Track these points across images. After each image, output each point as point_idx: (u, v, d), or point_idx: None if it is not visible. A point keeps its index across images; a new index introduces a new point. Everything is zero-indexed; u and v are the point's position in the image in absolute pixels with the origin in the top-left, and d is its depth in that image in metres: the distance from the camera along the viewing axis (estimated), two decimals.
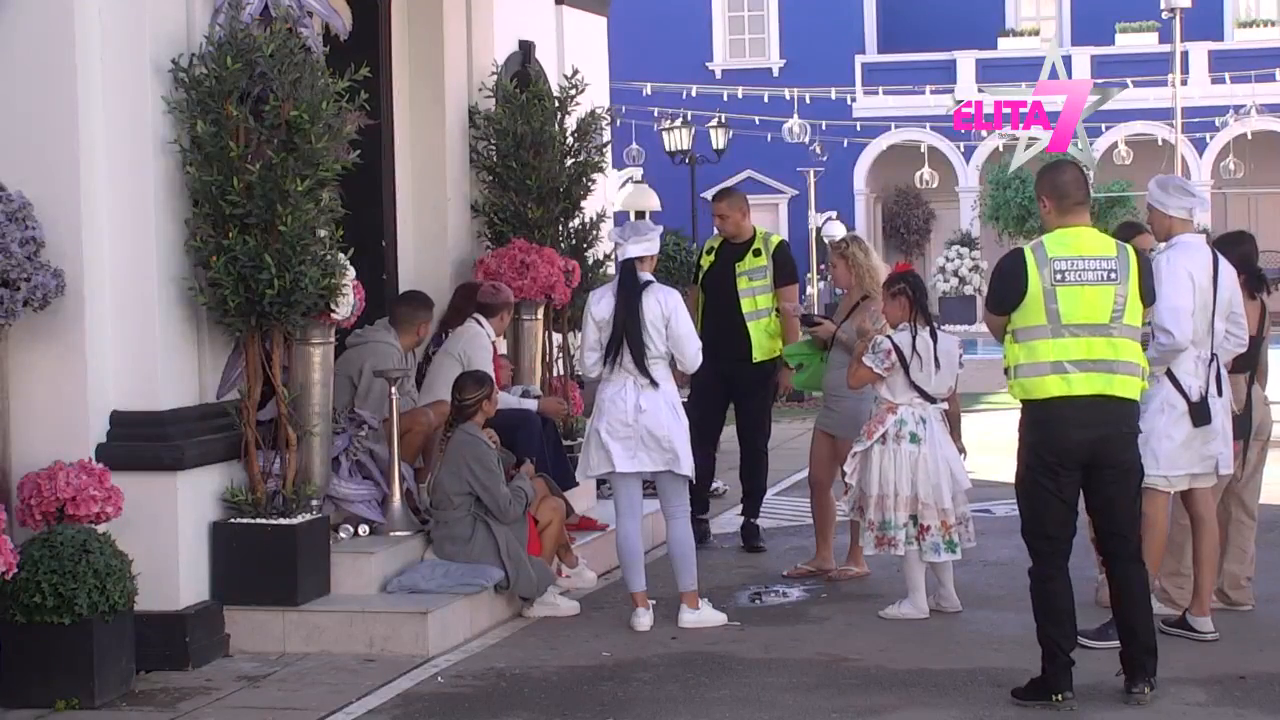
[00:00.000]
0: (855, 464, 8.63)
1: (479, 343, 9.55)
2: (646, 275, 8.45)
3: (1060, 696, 6.69)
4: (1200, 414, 7.72)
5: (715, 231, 10.74)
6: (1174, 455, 7.77)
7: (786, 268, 10.45)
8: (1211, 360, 7.83)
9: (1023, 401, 6.82)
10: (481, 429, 8.61)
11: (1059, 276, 6.66)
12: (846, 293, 9.85)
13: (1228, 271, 7.91)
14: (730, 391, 10.26)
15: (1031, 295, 6.67)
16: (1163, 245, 7.98)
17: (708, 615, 8.41)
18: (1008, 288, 6.78)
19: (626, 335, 8.27)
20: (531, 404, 9.74)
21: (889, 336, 8.54)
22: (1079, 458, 6.71)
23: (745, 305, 10.23)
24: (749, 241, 10.41)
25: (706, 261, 10.53)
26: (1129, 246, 6.89)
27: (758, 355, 10.26)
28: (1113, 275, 6.71)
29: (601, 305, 8.39)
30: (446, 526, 8.46)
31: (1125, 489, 6.84)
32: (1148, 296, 6.86)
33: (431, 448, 9.11)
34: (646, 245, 8.44)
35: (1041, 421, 6.74)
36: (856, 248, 9.67)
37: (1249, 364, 8.30)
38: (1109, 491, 6.81)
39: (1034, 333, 6.70)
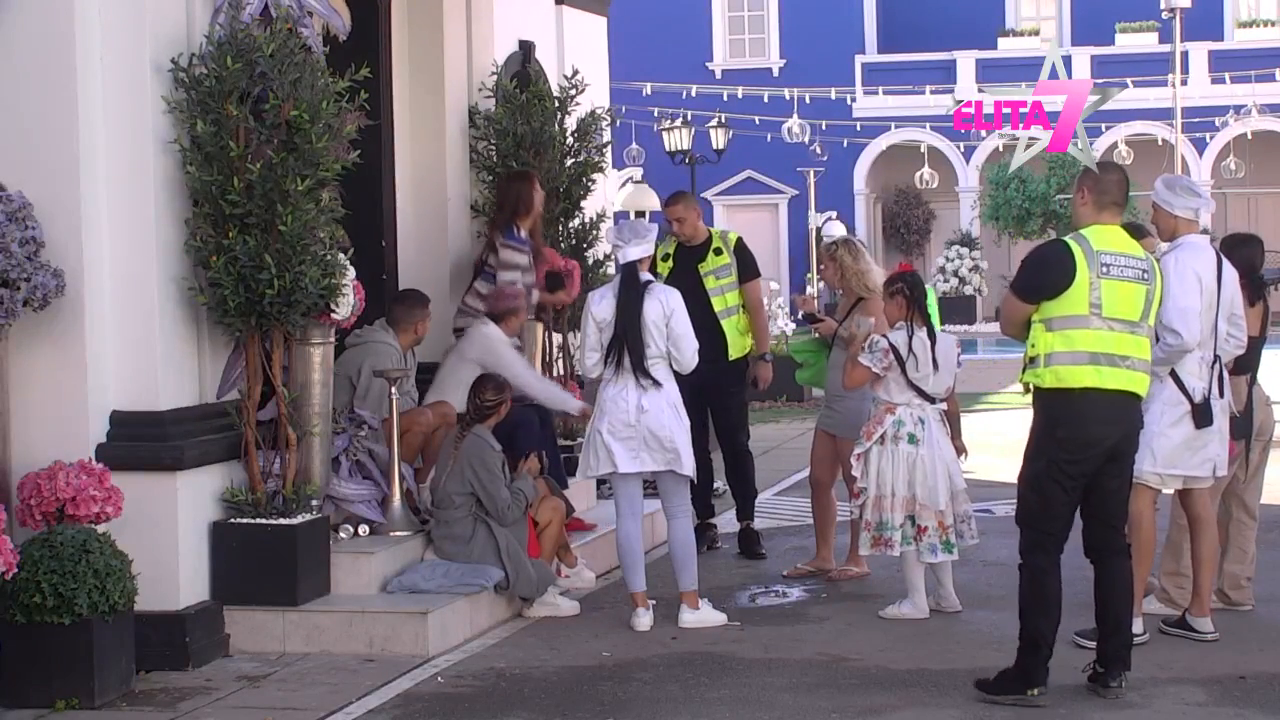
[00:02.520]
0: (861, 466, 8.62)
1: (488, 345, 9.47)
2: (646, 275, 8.46)
3: (1036, 691, 6.74)
4: (1203, 415, 7.72)
5: (670, 236, 10.62)
6: (1172, 455, 7.76)
7: (749, 263, 10.37)
8: (1214, 362, 7.82)
9: (1047, 391, 6.77)
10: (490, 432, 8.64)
11: (1105, 269, 6.73)
12: (844, 293, 9.85)
13: (1230, 273, 7.92)
14: (707, 392, 10.09)
15: (1078, 285, 6.70)
16: (1166, 246, 7.98)
17: (708, 615, 8.42)
18: (1051, 276, 6.78)
19: (627, 336, 8.27)
20: (573, 401, 9.67)
21: (885, 336, 8.54)
22: (1103, 450, 6.76)
23: (717, 304, 10.13)
24: (706, 242, 10.31)
25: (664, 268, 10.35)
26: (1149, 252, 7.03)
27: (733, 353, 10.20)
28: (1147, 275, 6.84)
29: (602, 306, 8.39)
30: (447, 526, 8.47)
31: (1124, 484, 6.96)
32: (1161, 300, 7.03)
33: (431, 447, 9.11)
34: (646, 246, 8.45)
35: (1070, 414, 6.74)
36: (845, 251, 9.65)
37: (1250, 365, 8.30)
38: (1111, 485, 6.87)
39: (1073, 321, 6.72)
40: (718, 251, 10.26)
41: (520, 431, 9.24)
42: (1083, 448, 6.74)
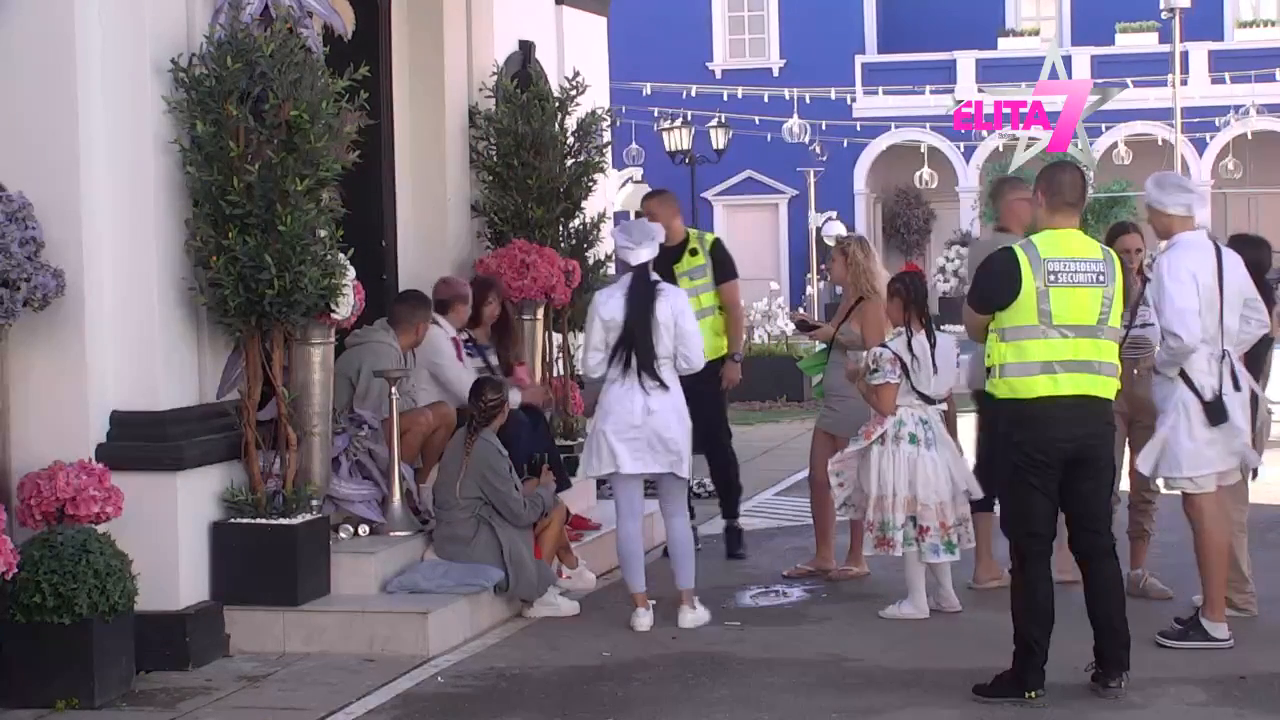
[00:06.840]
0: (843, 465, 8.63)
1: (436, 345, 9.42)
2: (655, 276, 8.47)
3: (1034, 694, 6.78)
4: (1216, 412, 7.65)
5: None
6: (1197, 456, 7.70)
7: (726, 264, 10.32)
8: (1224, 357, 7.77)
9: (1005, 401, 6.84)
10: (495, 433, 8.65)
11: (1053, 277, 6.69)
12: (845, 293, 9.85)
13: (1233, 263, 7.81)
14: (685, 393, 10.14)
15: (1025, 295, 6.69)
16: (1163, 245, 7.94)
17: (708, 615, 8.41)
18: (999, 287, 6.79)
19: (637, 337, 8.25)
20: (515, 396, 9.62)
21: (886, 346, 8.52)
22: (1066, 455, 6.77)
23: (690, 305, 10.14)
24: (683, 243, 10.28)
25: None
26: (1110, 250, 6.98)
27: (706, 354, 10.19)
28: (1101, 278, 6.78)
29: (610, 306, 8.36)
30: (449, 526, 8.46)
31: (1101, 485, 6.93)
32: (1126, 299, 7.02)
33: (431, 447, 9.11)
34: (654, 247, 8.46)
35: (1029, 420, 6.77)
36: (858, 247, 9.65)
37: (1256, 364, 8.25)
38: (1086, 488, 6.87)
39: (1024, 332, 6.73)
40: (693, 252, 10.25)
41: (508, 430, 9.16)
42: (1043, 450, 6.75)
